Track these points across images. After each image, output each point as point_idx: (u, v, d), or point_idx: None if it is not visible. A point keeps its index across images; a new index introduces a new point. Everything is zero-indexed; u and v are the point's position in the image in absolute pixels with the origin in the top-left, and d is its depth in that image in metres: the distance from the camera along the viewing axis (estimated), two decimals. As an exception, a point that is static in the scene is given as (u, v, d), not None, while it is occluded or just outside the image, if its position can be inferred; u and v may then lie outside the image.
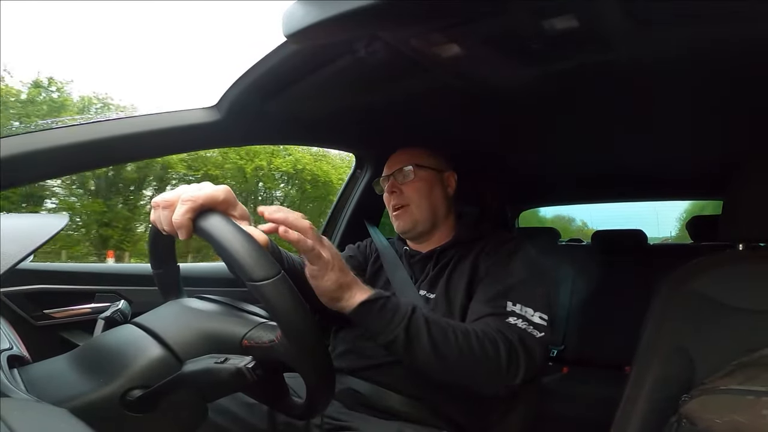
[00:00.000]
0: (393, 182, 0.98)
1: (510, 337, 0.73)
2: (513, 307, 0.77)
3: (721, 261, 0.83)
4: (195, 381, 0.49)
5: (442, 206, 0.99)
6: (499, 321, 0.76)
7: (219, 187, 0.55)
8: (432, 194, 0.97)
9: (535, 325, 0.77)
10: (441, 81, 0.78)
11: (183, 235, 0.52)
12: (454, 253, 0.93)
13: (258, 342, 0.51)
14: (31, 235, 0.45)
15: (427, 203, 0.96)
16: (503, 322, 0.75)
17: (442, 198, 0.99)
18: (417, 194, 0.96)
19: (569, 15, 0.55)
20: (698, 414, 0.65)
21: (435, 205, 0.97)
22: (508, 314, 0.76)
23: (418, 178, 0.96)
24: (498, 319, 0.76)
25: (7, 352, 0.48)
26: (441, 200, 0.99)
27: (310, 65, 0.71)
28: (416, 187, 0.96)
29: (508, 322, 0.75)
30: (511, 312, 0.77)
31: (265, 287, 0.47)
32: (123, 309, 0.62)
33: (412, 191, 0.96)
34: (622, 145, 1.29)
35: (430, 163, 0.99)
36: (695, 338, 0.78)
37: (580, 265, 2.00)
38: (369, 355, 0.87)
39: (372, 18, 0.52)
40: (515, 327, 0.75)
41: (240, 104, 0.79)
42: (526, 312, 0.77)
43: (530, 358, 0.73)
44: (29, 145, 0.62)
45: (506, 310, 0.77)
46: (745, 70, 0.76)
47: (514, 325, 0.75)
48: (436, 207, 0.97)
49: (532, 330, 0.75)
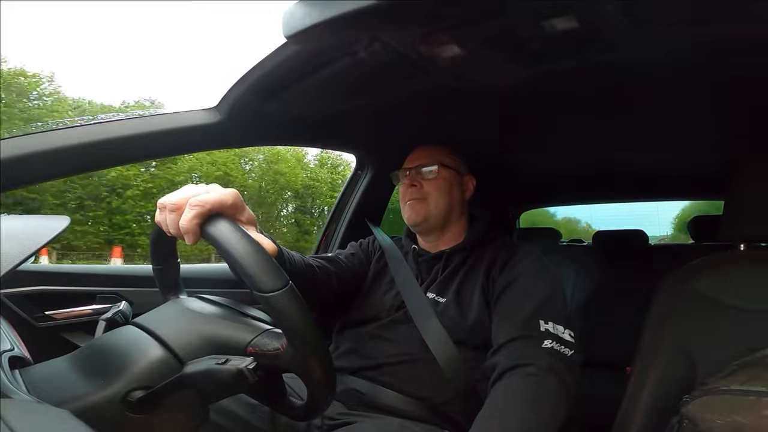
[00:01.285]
0: (413, 177, 0.98)
1: (551, 365, 0.72)
2: (546, 326, 0.77)
3: (722, 261, 0.83)
4: (196, 382, 0.49)
5: (458, 207, 0.99)
6: (535, 347, 0.74)
7: (227, 190, 0.54)
8: (451, 194, 0.97)
9: (566, 343, 0.76)
10: (441, 82, 0.78)
11: (190, 240, 0.51)
12: (465, 258, 0.93)
13: (264, 349, 0.51)
14: (32, 236, 0.45)
15: (444, 201, 0.96)
16: (540, 349, 0.74)
17: (459, 200, 0.99)
18: (437, 191, 0.96)
19: (569, 15, 0.55)
20: (699, 414, 0.65)
21: (451, 204, 0.97)
22: (542, 336, 0.76)
23: (441, 177, 0.97)
24: (533, 344, 0.75)
25: (8, 353, 0.48)
26: (457, 201, 0.99)
27: (311, 66, 0.71)
28: (437, 185, 0.96)
29: (545, 347, 0.74)
30: (545, 332, 0.76)
31: (273, 299, 0.47)
32: (124, 310, 0.61)
33: (432, 188, 0.96)
34: (623, 145, 1.29)
35: (452, 163, 0.99)
36: (696, 338, 0.78)
37: (581, 266, 2.00)
38: (371, 355, 0.87)
39: (372, 19, 0.52)
40: (551, 351, 0.74)
41: (240, 105, 0.79)
42: (557, 330, 0.77)
43: (573, 379, 0.73)
44: (28, 147, 0.62)
45: (540, 330, 0.76)
46: (745, 70, 0.76)
47: (550, 349, 0.74)
48: (452, 207, 0.98)
49: (564, 349, 0.75)
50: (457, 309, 0.86)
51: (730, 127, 1.08)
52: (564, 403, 0.70)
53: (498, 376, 0.73)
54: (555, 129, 1.14)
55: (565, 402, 0.70)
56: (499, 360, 0.75)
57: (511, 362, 0.72)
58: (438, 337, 0.83)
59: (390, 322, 0.89)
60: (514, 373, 0.71)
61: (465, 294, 0.88)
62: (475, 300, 0.86)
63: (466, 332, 0.84)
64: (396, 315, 0.90)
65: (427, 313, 0.86)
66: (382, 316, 0.91)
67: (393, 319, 0.89)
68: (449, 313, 0.86)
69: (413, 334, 0.85)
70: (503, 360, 0.74)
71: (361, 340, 0.91)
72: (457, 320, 0.85)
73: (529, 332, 0.76)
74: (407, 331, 0.86)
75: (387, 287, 0.96)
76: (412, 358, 0.84)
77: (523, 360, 0.72)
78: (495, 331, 0.81)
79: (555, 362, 0.72)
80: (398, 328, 0.88)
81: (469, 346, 0.83)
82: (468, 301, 0.87)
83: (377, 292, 0.96)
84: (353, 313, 0.96)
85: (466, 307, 0.86)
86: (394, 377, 0.84)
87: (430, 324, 0.84)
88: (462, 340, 0.83)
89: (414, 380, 0.83)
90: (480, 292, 0.87)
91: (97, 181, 14.23)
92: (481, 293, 0.87)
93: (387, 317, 0.90)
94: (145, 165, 15.13)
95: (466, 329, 0.84)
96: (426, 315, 0.85)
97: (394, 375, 0.84)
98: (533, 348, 0.74)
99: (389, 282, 0.96)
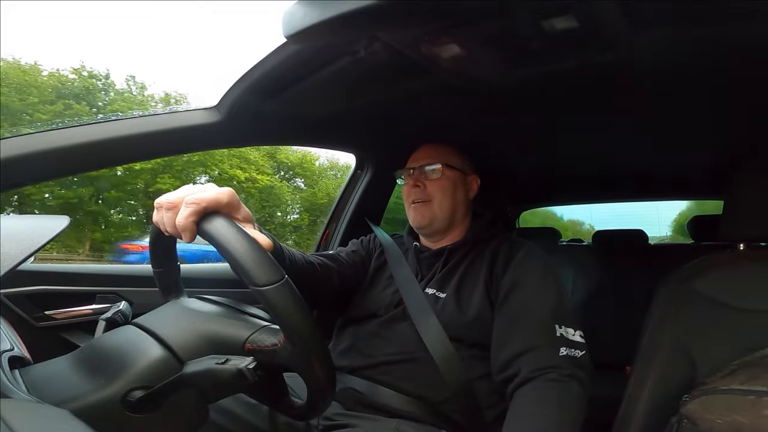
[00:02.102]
0: (417, 176, 0.98)
1: (572, 372, 0.75)
2: (560, 330, 0.80)
3: (721, 261, 0.83)
4: (196, 382, 0.49)
5: (462, 207, 0.99)
6: (554, 355, 0.77)
7: (223, 189, 0.55)
8: (455, 195, 0.97)
9: (578, 345, 0.80)
10: (441, 81, 0.78)
11: (187, 238, 0.52)
12: (466, 254, 0.93)
13: (261, 345, 0.51)
14: (32, 236, 0.45)
15: (448, 203, 0.96)
16: (557, 357, 0.77)
17: (463, 199, 0.99)
18: (441, 193, 0.96)
19: (569, 15, 0.55)
20: (699, 414, 0.65)
21: (456, 205, 0.97)
22: (558, 342, 0.78)
23: (445, 178, 0.96)
24: (551, 351, 0.77)
25: (8, 353, 0.48)
26: (462, 201, 0.99)
27: (311, 66, 0.71)
28: (441, 186, 0.96)
29: (561, 354, 0.77)
30: (561, 338, 0.79)
31: (269, 292, 0.47)
32: (124, 310, 0.62)
33: (436, 189, 0.96)
34: (623, 145, 1.29)
35: (457, 163, 0.99)
36: (696, 338, 0.78)
37: (581, 266, 2.00)
38: (369, 353, 0.87)
39: (372, 19, 0.52)
40: (568, 357, 0.77)
41: (240, 105, 0.79)
42: (569, 333, 0.80)
43: (589, 380, 0.78)
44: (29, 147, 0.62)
45: (556, 336, 0.79)
46: (745, 70, 0.76)
47: (566, 356, 0.77)
48: (457, 207, 0.98)
49: (576, 352, 0.78)
50: (457, 305, 0.86)
51: (730, 127, 1.08)
52: (584, 405, 0.75)
53: (521, 383, 0.76)
54: (555, 129, 1.13)
55: (585, 404, 0.75)
56: (520, 367, 0.77)
57: (534, 369, 0.75)
58: (435, 335, 0.83)
59: (388, 320, 0.89)
60: (538, 379, 0.75)
61: (465, 290, 0.88)
62: (477, 296, 0.86)
63: (465, 328, 0.84)
64: (394, 312, 0.90)
65: (425, 311, 0.86)
66: (381, 313, 0.91)
67: (391, 316, 0.90)
68: (449, 309, 0.86)
69: (411, 332, 0.85)
70: (525, 367, 0.76)
71: (360, 337, 0.91)
72: (456, 316, 0.85)
73: (547, 340, 0.78)
74: (405, 328, 0.86)
75: (386, 284, 0.96)
76: (410, 357, 0.84)
77: (545, 367, 0.75)
78: (506, 335, 0.81)
79: (573, 368, 0.76)
80: (397, 325, 0.88)
81: (466, 343, 0.84)
82: (468, 297, 0.87)
83: (376, 289, 0.96)
84: (353, 309, 0.96)
85: (466, 303, 0.86)
86: (392, 376, 0.84)
87: (428, 321, 0.84)
88: (460, 336, 0.83)
89: (412, 379, 0.83)
90: (483, 289, 0.87)
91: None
92: (483, 290, 0.87)
93: (386, 314, 0.91)
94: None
95: (465, 325, 0.84)
96: (424, 312, 0.86)
97: (392, 374, 0.84)
98: (552, 355, 0.77)
99: (388, 279, 0.96)
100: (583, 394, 0.75)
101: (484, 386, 0.82)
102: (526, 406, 0.73)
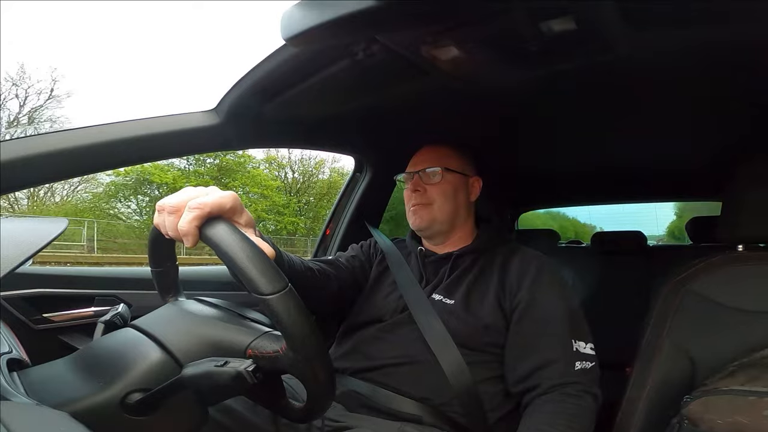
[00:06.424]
0: (417, 181, 0.97)
1: (586, 388, 0.78)
2: (576, 345, 0.82)
3: (720, 262, 0.83)
4: (195, 384, 0.49)
5: (463, 211, 0.98)
6: (569, 369, 0.79)
7: (226, 193, 0.54)
8: (456, 198, 0.96)
9: (589, 357, 0.82)
10: (440, 83, 0.78)
11: (189, 243, 0.51)
12: (475, 260, 0.93)
13: (263, 352, 0.51)
14: (31, 239, 0.44)
15: (449, 206, 0.95)
16: (573, 372, 0.79)
17: (465, 203, 0.98)
18: (441, 196, 0.95)
19: (567, 17, 0.55)
20: (700, 415, 0.65)
21: (457, 208, 0.96)
22: (574, 357, 0.80)
23: (445, 181, 0.95)
24: (566, 367, 0.79)
25: (6, 355, 0.48)
26: (463, 205, 0.98)
27: (309, 68, 0.71)
28: (441, 190, 0.95)
29: (576, 369, 0.79)
30: (576, 353, 0.81)
31: (272, 301, 0.47)
32: (122, 312, 0.61)
33: (436, 193, 0.95)
34: (623, 146, 1.29)
35: (458, 166, 0.98)
36: (696, 339, 0.78)
37: (580, 267, 2.00)
38: (372, 356, 0.87)
39: (371, 21, 0.52)
40: (582, 371, 0.80)
41: (239, 107, 0.79)
42: (581, 346, 0.82)
43: (600, 391, 0.80)
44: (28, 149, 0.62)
45: (572, 350, 0.81)
46: (744, 71, 0.76)
47: (581, 370, 0.80)
48: (458, 210, 0.97)
49: (586, 364, 0.81)
50: (466, 311, 0.86)
51: (729, 128, 1.08)
52: (594, 418, 0.77)
53: (538, 395, 0.78)
54: (555, 129, 1.14)
55: (595, 417, 0.78)
56: (539, 381, 0.79)
57: (553, 385, 0.78)
58: (440, 339, 0.82)
59: (393, 324, 0.89)
60: (555, 393, 0.77)
61: (475, 298, 0.88)
62: (487, 305, 0.86)
63: (473, 335, 0.84)
64: (399, 317, 0.89)
65: (429, 315, 0.85)
66: (385, 318, 0.91)
67: (396, 321, 0.89)
68: (457, 315, 0.86)
69: (415, 336, 0.85)
70: (543, 381, 0.79)
71: (363, 341, 0.90)
72: (466, 323, 0.85)
73: (563, 355, 0.80)
74: (410, 332, 0.86)
75: (389, 289, 0.95)
76: (413, 359, 0.84)
77: (563, 383, 0.78)
78: (525, 350, 0.82)
79: (587, 382, 0.79)
80: (401, 329, 0.88)
81: (472, 348, 0.83)
82: (478, 306, 0.86)
83: (380, 294, 0.96)
84: (356, 315, 0.96)
85: (476, 311, 0.86)
86: (395, 378, 0.83)
87: (433, 325, 0.84)
88: (467, 342, 0.83)
89: (415, 382, 0.82)
90: (493, 298, 0.86)
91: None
92: (494, 299, 0.86)
93: (390, 319, 0.90)
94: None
95: (474, 332, 0.84)
96: (429, 316, 0.85)
97: (395, 376, 0.84)
98: (569, 370, 0.79)
99: (391, 284, 0.96)
100: (595, 409, 0.78)
101: (489, 389, 0.82)
102: (541, 419, 0.75)
